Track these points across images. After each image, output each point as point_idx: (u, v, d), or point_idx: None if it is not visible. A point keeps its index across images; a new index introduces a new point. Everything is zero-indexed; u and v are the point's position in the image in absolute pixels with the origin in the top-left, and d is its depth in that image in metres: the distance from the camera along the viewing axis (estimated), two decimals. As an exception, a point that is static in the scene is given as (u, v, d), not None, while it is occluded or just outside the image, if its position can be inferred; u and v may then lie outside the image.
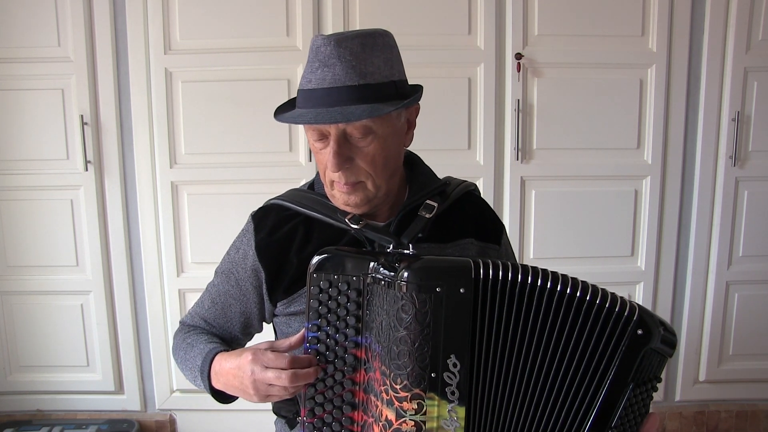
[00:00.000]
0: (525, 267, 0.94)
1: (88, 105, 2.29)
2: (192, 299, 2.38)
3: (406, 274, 0.91)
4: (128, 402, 2.50)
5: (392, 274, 0.93)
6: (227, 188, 2.33)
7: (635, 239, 2.42)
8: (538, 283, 0.93)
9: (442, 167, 1.28)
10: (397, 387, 0.93)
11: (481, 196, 1.27)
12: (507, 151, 2.33)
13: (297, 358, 0.96)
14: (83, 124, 2.29)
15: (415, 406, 0.92)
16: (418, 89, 1.07)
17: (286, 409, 1.18)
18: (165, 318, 2.43)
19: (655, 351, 0.95)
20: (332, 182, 1.06)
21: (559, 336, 0.94)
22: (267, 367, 0.95)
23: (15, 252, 2.40)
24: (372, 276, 0.95)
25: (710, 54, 2.29)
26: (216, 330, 1.20)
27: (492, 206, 2.41)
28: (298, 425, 1.14)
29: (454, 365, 0.92)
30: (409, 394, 0.92)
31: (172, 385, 2.48)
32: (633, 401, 0.96)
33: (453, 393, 0.92)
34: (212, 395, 1.08)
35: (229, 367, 1.01)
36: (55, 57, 2.27)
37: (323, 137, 1.02)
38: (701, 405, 2.54)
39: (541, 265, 0.97)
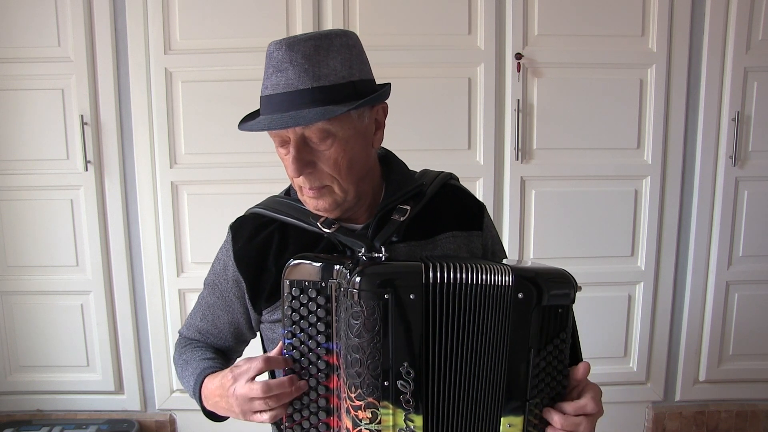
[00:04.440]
0: (471, 264, 0.93)
1: (88, 105, 2.29)
2: (192, 299, 2.38)
3: (357, 280, 0.90)
4: (128, 402, 2.50)
5: (348, 279, 0.91)
6: (227, 188, 2.33)
7: (635, 239, 2.42)
8: (480, 280, 0.92)
9: (441, 167, 1.27)
10: (353, 396, 0.92)
11: (459, 182, 1.24)
12: (507, 151, 2.33)
13: (271, 358, 0.97)
14: (83, 124, 2.29)
15: (369, 415, 0.91)
16: (383, 87, 1.04)
17: None
18: (165, 318, 2.43)
19: (549, 308, 0.92)
20: (300, 188, 1.05)
21: (483, 327, 0.93)
22: (246, 381, 0.96)
23: (15, 252, 2.40)
24: (337, 282, 0.95)
25: (710, 54, 2.29)
26: (211, 341, 1.21)
27: (492, 206, 2.43)
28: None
29: (408, 373, 0.91)
30: (363, 403, 0.91)
31: (172, 385, 2.48)
32: (543, 365, 0.93)
33: (408, 402, 0.91)
34: (206, 417, 1.09)
35: (213, 389, 1.03)
36: (55, 57, 2.27)
37: (285, 143, 1.00)
38: (701, 405, 2.54)
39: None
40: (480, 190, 2.34)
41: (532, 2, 2.26)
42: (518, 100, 2.29)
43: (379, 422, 0.91)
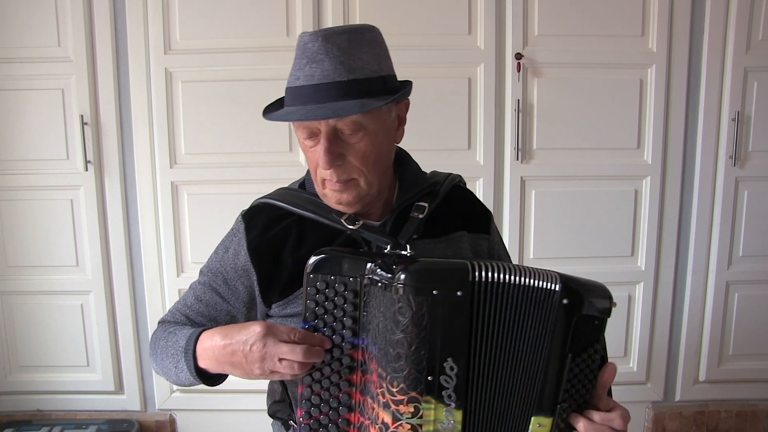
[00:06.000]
0: (515, 267, 0.95)
1: (88, 105, 2.29)
2: (192, 299, 2.39)
3: (403, 276, 0.90)
4: (128, 402, 2.50)
5: (389, 275, 0.92)
6: (227, 188, 2.33)
7: (635, 239, 2.42)
8: (525, 282, 0.93)
9: (442, 167, 1.28)
10: (394, 390, 0.92)
11: (466, 186, 1.28)
12: (507, 151, 2.33)
13: (309, 334, 0.95)
14: (83, 124, 2.29)
15: (412, 410, 0.91)
16: (407, 84, 1.06)
17: (281, 412, 1.17)
18: (165, 318, 2.43)
19: (588, 317, 0.95)
20: (324, 180, 1.04)
21: (524, 327, 0.94)
22: (280, 341, 0.92)
23: (15, 252, 2.40)
24: (369, 277, 0.94)
25: (710, 54, 2.29)
26: (199, 323, 1.15)
27: (492, 206, 2.43)
28: (293, 428, 1.13)
29: (451, 368, 0.91)
30: (405, 397, 0.91)
31: (172, 385, 2.48)
32: (576, 371, 0.96)
33: (450, 396, 0.92)
34: (197, 376, 1.02)
35: (227, 342, 0.94)
36: (55, 57, 2.27)
37: (313, 135, 1.00)
38: (701, 405, 2.54)
39: (541, 266, 0.98)
40: (480, 190, 2.34)
41: (532, 2, 2.26)
42: (518, 100, 2.29)
43: (421, 416, 0.92)
